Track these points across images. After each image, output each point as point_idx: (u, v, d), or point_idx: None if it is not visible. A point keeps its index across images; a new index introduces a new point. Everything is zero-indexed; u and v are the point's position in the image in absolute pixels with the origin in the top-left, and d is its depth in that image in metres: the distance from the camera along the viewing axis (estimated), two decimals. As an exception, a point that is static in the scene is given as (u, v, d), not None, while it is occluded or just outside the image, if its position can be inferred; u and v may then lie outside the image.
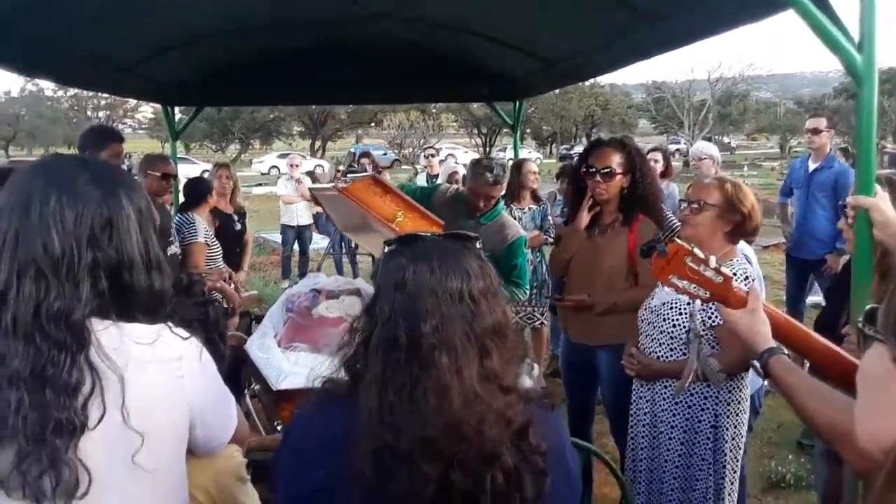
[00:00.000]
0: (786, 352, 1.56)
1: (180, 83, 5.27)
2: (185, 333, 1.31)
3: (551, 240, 5.54)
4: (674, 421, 2.65)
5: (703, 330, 2.49)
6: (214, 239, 5.23)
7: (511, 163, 5.90)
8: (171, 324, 1.31)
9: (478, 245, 1.35)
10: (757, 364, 1.59)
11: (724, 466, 2.59)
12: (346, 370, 1.28)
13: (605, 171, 3.24)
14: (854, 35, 1.91)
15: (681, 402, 2.65)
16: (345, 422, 1.20)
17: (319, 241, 10.98)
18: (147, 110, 51.29)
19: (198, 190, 5.33)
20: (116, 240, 1.23)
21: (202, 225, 5.05)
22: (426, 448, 1.16)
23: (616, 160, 3.26)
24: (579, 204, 3.37)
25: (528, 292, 3.83)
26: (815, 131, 5.87)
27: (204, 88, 5.47)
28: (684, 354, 2.60)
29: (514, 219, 5.58)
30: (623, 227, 3.28)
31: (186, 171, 15.12)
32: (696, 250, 1.70)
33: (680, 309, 2.60)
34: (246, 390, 3.14)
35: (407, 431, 1.16)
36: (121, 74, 4.39)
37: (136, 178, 1.45)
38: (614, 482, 2.88)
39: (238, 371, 3.33)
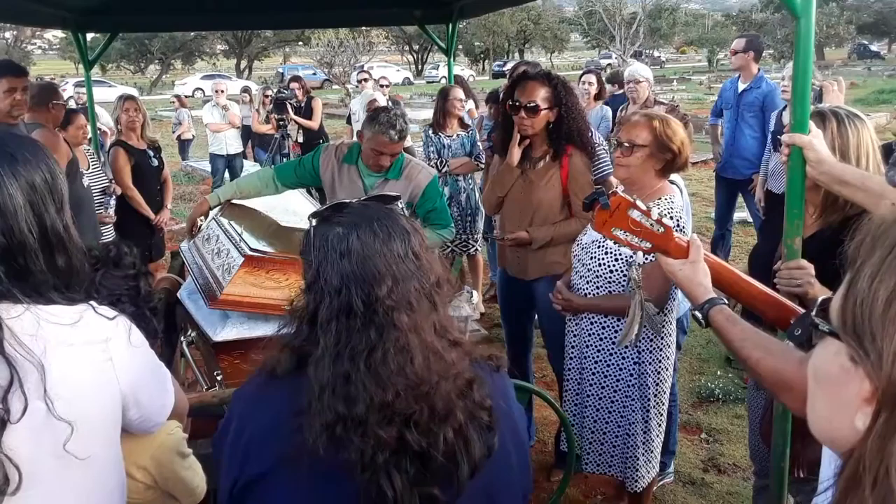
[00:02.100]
0: (726, 301, 1.59)
1: (90, 8, 4.91)
2: (111, 313, 1.24)
3: (482, 165, 5.50)
4: (598, 356, 2.74)
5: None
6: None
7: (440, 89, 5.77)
8: (94, 303, 1.23)
9: (399, 204, 1.34)
10: (699, 314, 1.61)
11: (649, 399, 2.70)
12: (290, 350, 1.24)
13: (531, 105, 3.19)
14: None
15: (605, 337, 2.72)
16: (291, 402, 1.18)
17: (251, 169, 10.68)
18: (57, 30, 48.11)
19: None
20: (1, 224, 1.14)
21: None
22: (383, 412, 1.15)
23: (541, 94, 3.20)
24: (508, 139, 3.33)
25: (454, 230, 3.75)
26: (733, 52, 6.09)
27: (116, 13, 5.12)
28: (609, 292, 2.66)
29: (444, 147, 5.53)
30: (554, 161, 3.26)
31: (104, 96, 14.42)
32: (639, 202, 1.70)
33: (606, 248, 2.63)
34: (182, 338, 3.06)
35: (363, 399, 1.15)
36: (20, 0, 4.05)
37: (29, 141, 1.31)
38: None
39: (173, 317, 3.24)
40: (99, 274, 1.50)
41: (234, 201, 3.47)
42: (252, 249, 2.63)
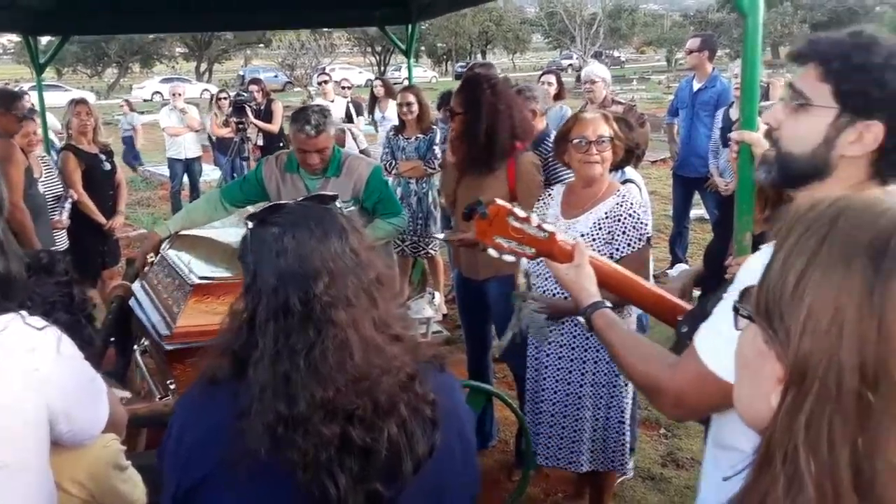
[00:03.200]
0: (609, 305, 1.59)
1: (41, 11, 4.80)
2: (40, 323, 1.22)
3: (430, 170, 5.48)
4: (558, 352, 2.77)
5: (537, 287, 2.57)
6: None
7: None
8: (25, 312, 1.20)
9: (337, 203, 1.35)
10: (581, 319, 1.61)
11: (601, 398, 2.73)
12: (230, 354, 1.23)
13: (450, 109, 3.25)
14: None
15: (564, 332, 2.74)
16: (232, 406, 1.17)
17: (210, 174, 10.55)
18: (11, 34, 46.95)
19: None
20: None
21: None
22: (325, 409, 1.15)
23: (458, 99, 3.24)
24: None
25: (405, 217, 3.66)
26: (688, 51, 6.24)
27: (68, 16, 5.02)
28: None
29: (398, 149, 5.52)
30: (500, 162, 3.25)
31: (60, 101, 14.09)
32: (517, 209, 1.69)
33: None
34: (136, 346, 3.02)
35: (303, 397, 1.15)
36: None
37: None
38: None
39: (127, 325, 3.18)
40: (31, 281, 1.47)
41: (182, 231, 3.40)
42: (200, 277, 2.62)
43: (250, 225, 1.29)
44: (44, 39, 6.35)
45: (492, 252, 1.72)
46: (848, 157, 1.22)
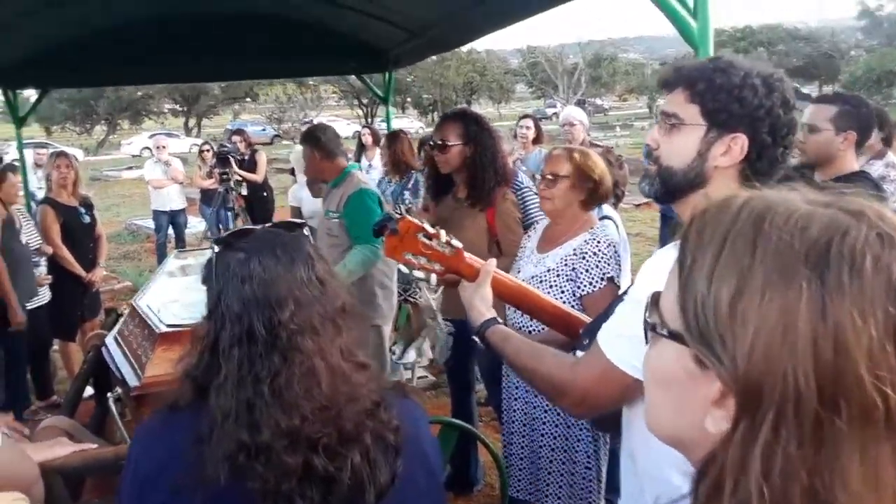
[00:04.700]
0: (500, 321, 1.65)
1: (20, 64, 4.85)
2: None
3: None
4: (519, 392, 2.72)
5: (574, 300, 2.56)
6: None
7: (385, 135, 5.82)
8: None
9: (305, 231, 1.33)
10: (476, 338, 1.66)
11: (565, 427, 2.68)
12: (190, 380, 1.20)
13: (441, 142, 3.27)
14: (689, 2, 1.96)
15: None
16: (191, 432, 1.14)
17: (196, 225, 10.54)
18: (-2, 93, 47.25)
19: None
20: None
21: None
22: (289, 437, 1.13)
23: (454, 131, 3.27)
24: (435, 181, 3.38)
25: (377, 250, 3.55)
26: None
27: (49, 68, 5.07)
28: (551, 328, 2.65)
29: (381, 194, 5.56)
30: (487, 199, 3.28)
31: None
32: (426, 225, 1.70)
33: (550, 283, 2.64)
34: (109, 394, 2.97)
35: (267, 424, 1.13)
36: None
37: None
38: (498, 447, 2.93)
39: (106, 375, 3.14)
40: None
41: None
42: (168, 325, 2.59)
43: (216, 249, 1.27)
44: (30, 96, 6.39)
45: (402, 268, 1.72)
46: (720, 167, 1.34)
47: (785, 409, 0.60)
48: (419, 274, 1.70)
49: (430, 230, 1.70)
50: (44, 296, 4.91)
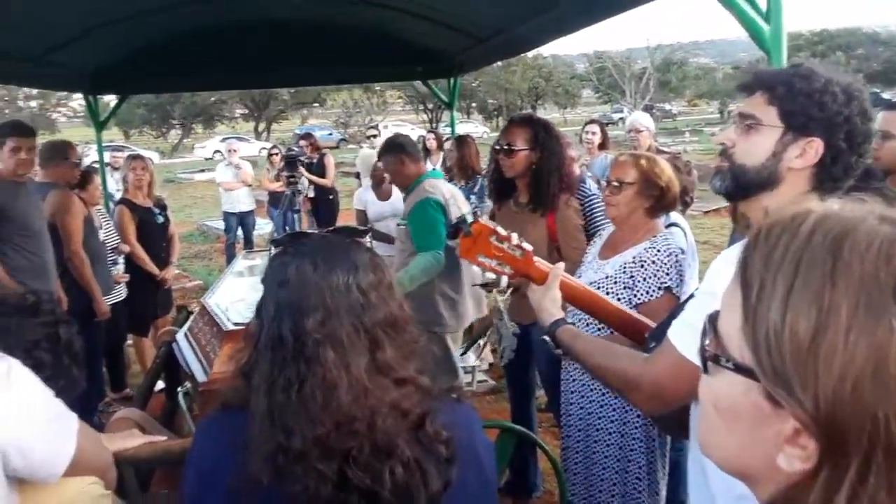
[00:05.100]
0: (572, 322, 1.69)
1: (101, 70, 5.08)
2: None
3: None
4: (604, 399, 2.67)
5: (630, 308, 2.52)
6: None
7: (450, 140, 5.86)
8: None
9: (368, 238, 1.33)
10: (547, 338, 1.71)
11: (653, 442, 2.62)
12: (242, 376, 1.23)
13: (508, 146, 3.26)
14: (761, 4, 1.91)
15: (587, 383, 2.67)
16: (242, 431, 1.16)
17: (264, 227, 10.79)
18: (81, 98, 49.46)
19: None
20: None
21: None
22: (318, 446, 1.13)
23: (520, 136, 3.25)
24: (498, 185, 3.38)
25: (438, 257, 3.61)
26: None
27: (128, 75, 5.29)
28: (612, 332, 2.62)
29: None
30: (548, 205, 3.26)
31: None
32: (499, 228, 1.73)
33: (607, 289, 2.60)
34: (179, 389, 3.07)
35: (298, 431, 1.13)
36: (30, 65, 4.19)
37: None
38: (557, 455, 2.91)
39: (176, 368, 3.24)
40: (15, 322, 1.48)
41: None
42: (234, 324, 2.66)
43: (272, 250, 1.30)
44: (110, 101, 6.67)
45: (475, 270, 1.77)
46: (794, 169, 1.37)
47: (874, 454, 0.56)
48: (490, 276, 1.74)
49: (502, 233, 1.73)
50: (120, 292, 5.11)
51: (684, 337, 1.35)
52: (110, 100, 6.81)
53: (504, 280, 1.77)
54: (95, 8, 3.80)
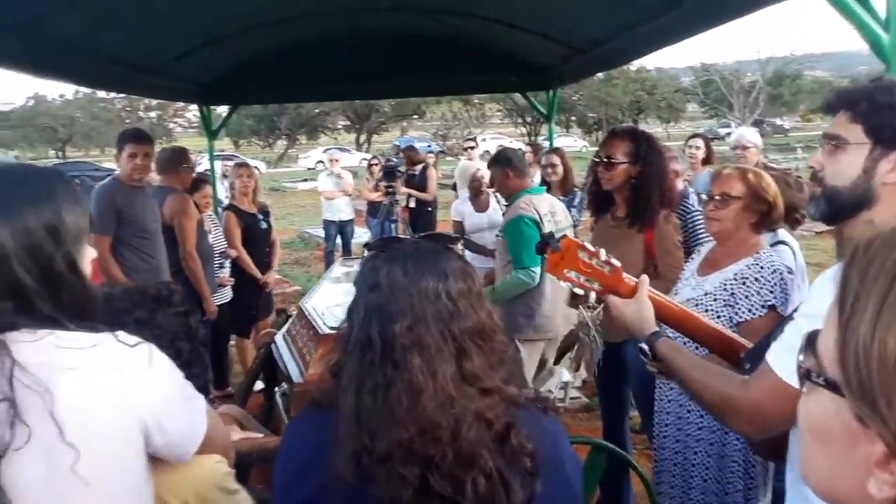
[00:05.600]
0: (669, 334, 1.66)
1: (214, 82, 5.34)
2: (132, 340, 1.25)
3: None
4: (702, 422, 2.57)
5: (731, 326, 2.42)
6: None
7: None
8: (122, 332, 1.25)
9: (459, 246, 1.33)
10: (645, 347, 1.68)
11: (755, 467, 2.50)
12: (332, 376, 1.26)
13: (608, 159, 3.19)
14: (881, 13, 1.81)
15: (683, 404, 2.58)
16: (331, 429, 1.19)
17: (362, 235, 11.04)
18: (196, 109, 52.19)
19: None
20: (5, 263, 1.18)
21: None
22: (402, 450, 1.14)
23: (621, 149, 3.18)
24: (597, 198, 3.32)
25: (532, 273, 3.77)
26: None
27: (238, 87, 5.54)
28: (709, 352, 2.52)
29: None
30: (647, 221, 3.17)
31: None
32: (587, 244, 1.73)
33: (705, 306, 2.51)
34: (277, 388, 3.17)
35: (382, 433, 1.14)
36: (151, 76, 4.46)
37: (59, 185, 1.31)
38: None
39: (274, 369, 3.36)
40: (159, 314, 1.55)
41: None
42: (330, 328, 2.72)
43: (365, 253, 1.32)
44: (222, 112, 7.00)
45: (563, 286, 1.77)
46: (889, 184, 1.33)
47: None
48: (578, 291, 1.74)
49: (590, 248, 1.73)
50: (225, 294, 5.34)
51: (783, 359, 1.30)
52: (222, 111, 7.14)
53: (592, 296, 1.77)
54: (212, 22, 4.00)
